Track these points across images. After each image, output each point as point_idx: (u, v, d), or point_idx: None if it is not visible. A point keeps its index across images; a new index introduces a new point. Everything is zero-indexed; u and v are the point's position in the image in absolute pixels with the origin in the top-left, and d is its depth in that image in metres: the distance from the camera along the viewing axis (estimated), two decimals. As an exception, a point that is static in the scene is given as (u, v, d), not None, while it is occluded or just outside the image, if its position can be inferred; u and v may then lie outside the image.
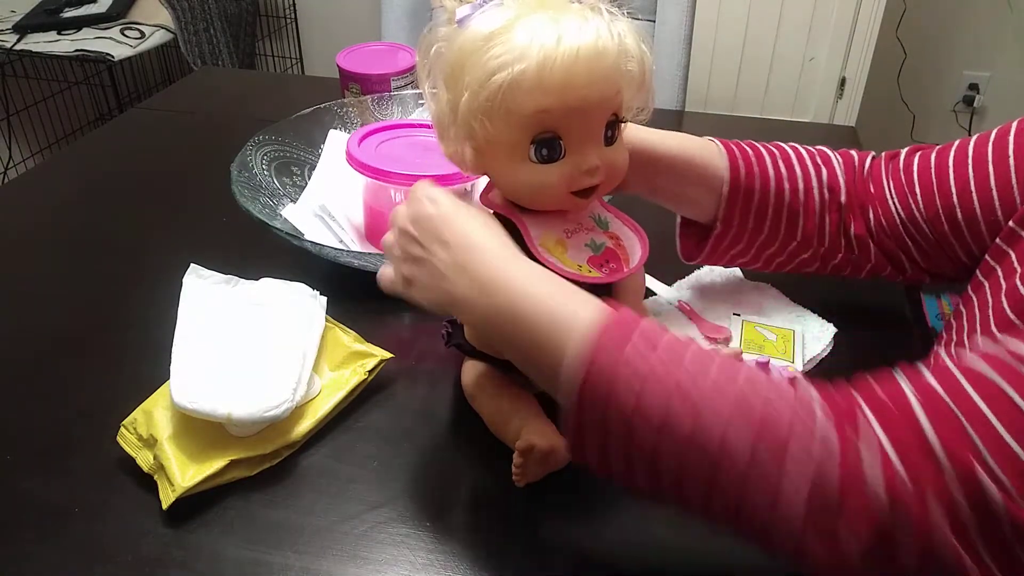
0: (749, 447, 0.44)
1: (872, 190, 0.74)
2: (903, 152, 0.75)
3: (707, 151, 0.73)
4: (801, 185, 0.73)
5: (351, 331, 0.74)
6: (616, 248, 0.64)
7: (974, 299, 0.64)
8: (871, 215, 0.74)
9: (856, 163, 0.76)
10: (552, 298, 0.52)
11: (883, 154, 0.77)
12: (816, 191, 0.73)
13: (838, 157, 0.76)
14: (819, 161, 0.75)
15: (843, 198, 0.74)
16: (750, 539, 0.47)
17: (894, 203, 0.72)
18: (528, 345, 0.52)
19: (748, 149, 0.74)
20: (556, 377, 0.49)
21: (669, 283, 0.86)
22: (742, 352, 0.70)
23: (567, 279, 0.61)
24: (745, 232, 0.75)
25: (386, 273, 0.61)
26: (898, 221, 0.72)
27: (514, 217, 0.62)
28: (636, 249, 0.65)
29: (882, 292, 0.86)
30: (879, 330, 0.81)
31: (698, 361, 0.47)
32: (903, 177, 0.73)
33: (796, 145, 0.77)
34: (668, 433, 0.45)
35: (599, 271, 0.62)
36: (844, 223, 0.74)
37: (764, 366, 0.64)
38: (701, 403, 0.45)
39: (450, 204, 0.57)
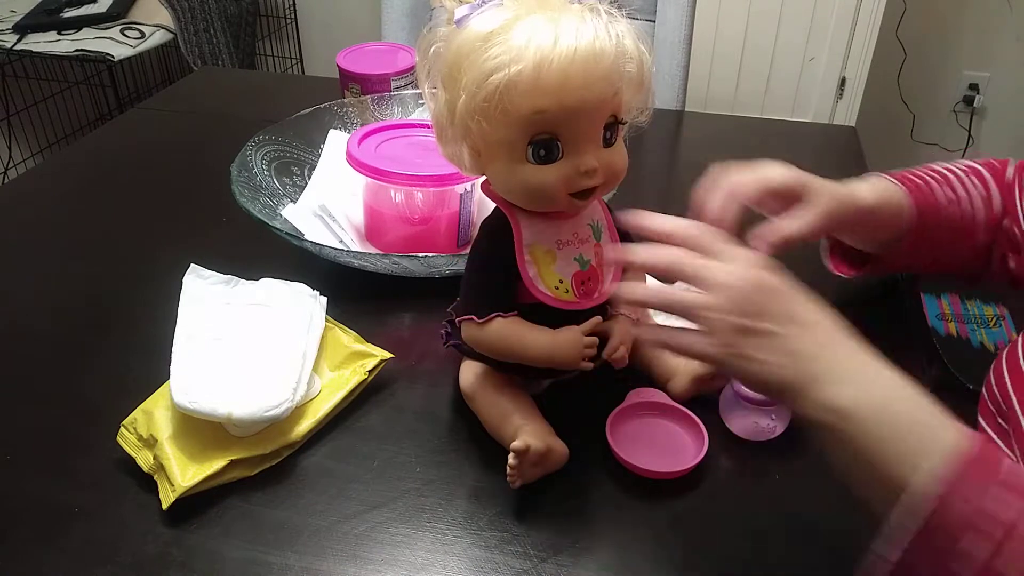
0: None
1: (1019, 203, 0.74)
2: None
3: (895, 194, 0.73)
4: (964, 207, 0.74)
5: (351, 331, 0.74)
6: (597, 267, 0.64)
7: None
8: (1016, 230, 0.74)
9: (1000, 171, 0.77)
10: (920, 405, 0.49)
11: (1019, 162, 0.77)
12: (979, 211, 0.74)
13: (984, 171, 0.77)
14: (974, 179, 0.76)
15: (996, 208, 0.75)
16: None
17: None
18: (875, 445, 0.48)
19: (918, 180, 0.75)
20: (896, 486, 0.46)
21: (669, 283, 0.86)
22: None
23: (540, 301, 0.61)
24: (928, 253, 0.75)
25: (695, 342, 0.53)
26: None
27: (511, 216, 0.62)
28: (611, 270, 0.65)
29: (882, 292, 0.86)
30: (879, 330, 0.81)
31: None
32: None
33: (949, 166, 0.77)
34: None
35: (578, 291, 0.63)
36: (997, 237, 0.75)
37: None
38: None
39: (790, 283, 0.53)
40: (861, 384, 0.49)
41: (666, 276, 0.55)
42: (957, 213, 0.73)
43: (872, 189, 0.72)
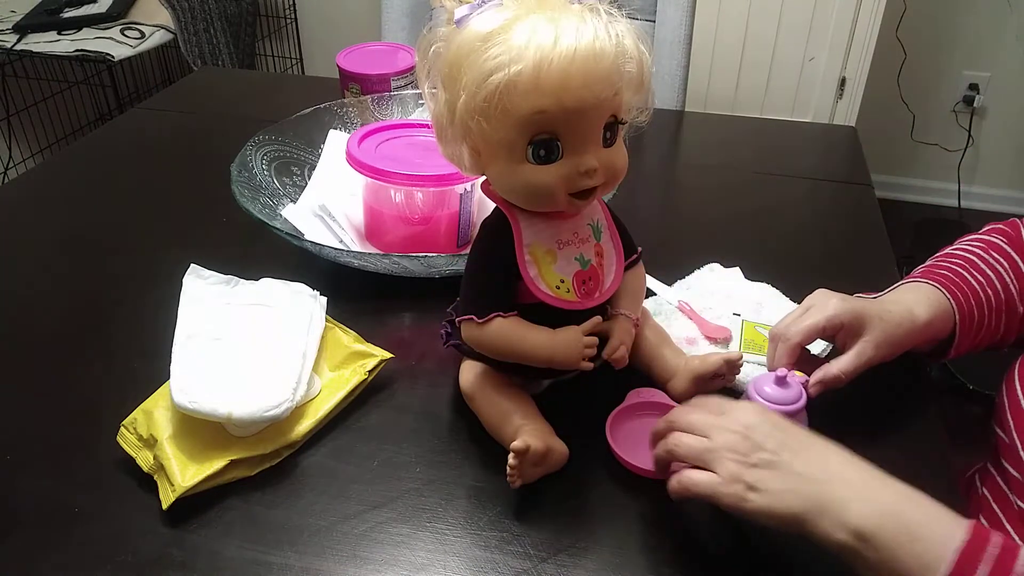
0: None
1: None
2: None
3: (941, 300, 0.72)
4: (999, 285, 0.73)
5: (351, 331, 0.74)
6: (598, 267, 0.64)
7: None
8: None
9: (1012, 235, 0.76)
10: (927, 508, 0.51)
11: None
12: (1012, 284, 0.74)
13: (1000, 241, 0.76)
14: (995, 254, 0.75)
15: None
16: None
17: None
18: (892, 557, 0.50)
19: (948, 274, 0.74)
20: None
21: (669, 283, 0.86)
22: (742, 354, 0.70)
23: (541, 300, 0.61)
24: (974, 344, 0.75)
25: (700, 479, 0.56)
26: None
27: (511, 216, 0.62)
28: (612, 270, 0.65)
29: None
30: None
31: None
32: None
33: (966, 248, 0.77)
34: None
35: (579, 290, 0.63)
36: None
37: (782, 380, 0.64)
38: None
39: (782, 422, 0.57)
40: (868, 499, 0.51)
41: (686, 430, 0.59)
42: (993, 292, 0.73)
43: (921, 302, 0.71)
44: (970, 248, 0.77)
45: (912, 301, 0.71)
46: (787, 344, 0.68)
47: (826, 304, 0.69)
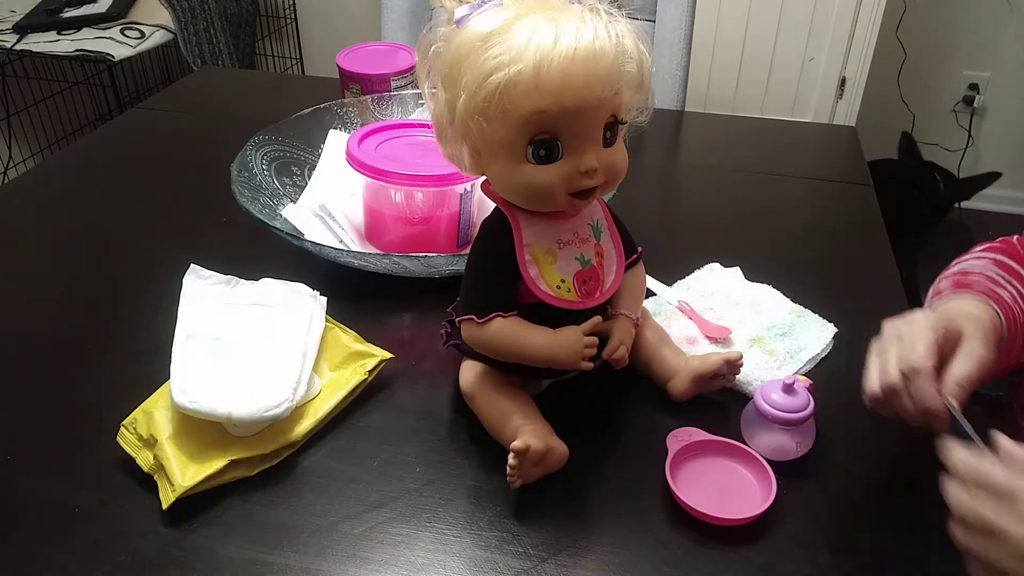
0: None
1: None
2: None
3: (989, 310, 0.66)
4: (1021, 301, 0.69)
5: (351, 331, 0.74)
6: (598, 267, 0.64)
7: None
8: None
9: (1017, 253, 0.73)
10: None
11: None
12: None
13: (1009, 261, 0.72)
14: (1007, 274, 0.71)
15: None
16: None
17: None
18: None
19: (988, 284, 0.69)
20: None
21: (669, 283, 0.86)
22: (741, 355, 0.70)
23: (541, 300, 0.61)
24: (1019, 359, 0.70)
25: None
26: None
27: (511, 216, 0.62)
28: (612, 270, 0.65)
29: (882, 292, 0.86)
30: (879, 330, 0.81)
31: None
32: None
33: (980, 270, 0.71)
34: None
35: (579, 290, 0.63)
36: None
37: (789, 387, 0.64)
38: None
39: None
40: None
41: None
42: (1020, 310, 0.68)
43: (975, 307, 0.65)
44: (983, 270, 0.71)
45: (968, 306, 0.64)
46: (926, 372, 0.58)
47: (913, 320, 0.61)
